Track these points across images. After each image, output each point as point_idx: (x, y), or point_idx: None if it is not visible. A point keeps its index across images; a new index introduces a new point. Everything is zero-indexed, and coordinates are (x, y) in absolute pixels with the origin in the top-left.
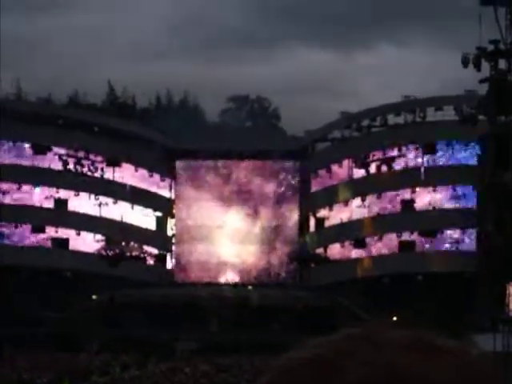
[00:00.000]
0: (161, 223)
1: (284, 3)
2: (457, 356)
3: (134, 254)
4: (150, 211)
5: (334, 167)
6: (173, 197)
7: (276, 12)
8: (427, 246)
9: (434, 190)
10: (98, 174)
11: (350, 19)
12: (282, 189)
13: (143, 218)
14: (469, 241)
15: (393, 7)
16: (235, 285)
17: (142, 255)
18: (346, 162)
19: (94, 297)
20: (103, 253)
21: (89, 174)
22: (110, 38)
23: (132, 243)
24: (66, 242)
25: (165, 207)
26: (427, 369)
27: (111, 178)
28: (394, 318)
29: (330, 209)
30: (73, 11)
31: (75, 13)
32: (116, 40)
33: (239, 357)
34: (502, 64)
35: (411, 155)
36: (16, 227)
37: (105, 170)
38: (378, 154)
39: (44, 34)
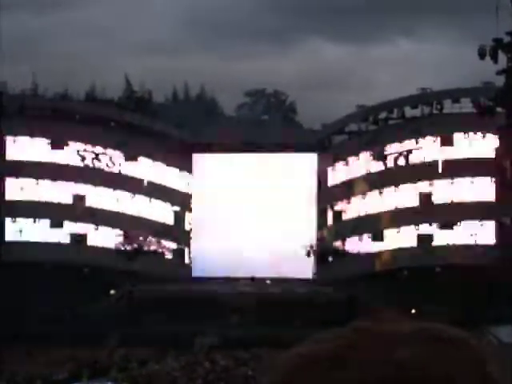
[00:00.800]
0: (178, 217)
1: None
2: (467, 348)
3: (151, 248)
4: (167, 205)
5: (352, 160)
6: (190, 191)
7: (291, 6)
8: (445, 238)
9: (452, 183)
10: (115, 169)
11: (364, 12)
12: (300, 182)
13: (161, 212)
14: (487, 233)
15: (408, 1)
16: (254, 279)
17: (159, 250)
18: (363, 155)
19: (112, 292)
20: (121, 248)
21: (106, 169)
22: (126, 34)
23: (150, 238)
24: (84, 237)
25: (182, 201)
26: (436, 362)
27: (129, 172)
28: (413, 311)
29: (348, 202)
30: (88, 7)
31: (89, 10)
32: (131, 36)
33: (258, 350)
34: None
35: (429, 148)
36: (34, 223)
37: (122, 164)
38: (396, 147)
39: (59, 30)
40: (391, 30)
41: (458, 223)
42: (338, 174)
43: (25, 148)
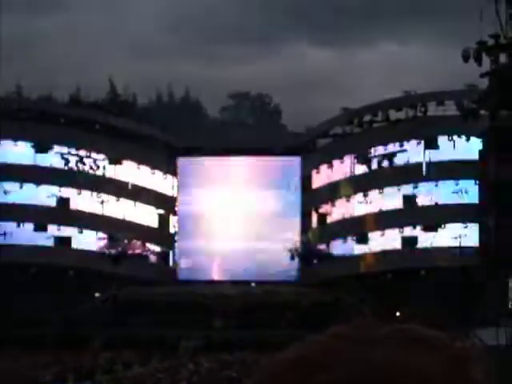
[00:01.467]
0: (163, 221)
1: (284, 0)
2: (444, 349)
3: (136, 251)
4: (152, 209)
5: (336, 163)
6: (175, 194)
7: (276, 9)
8: (429, 241)
9: (436, 185)
10: (99, 172)
11: (349, 16)
12: (284, 184)
13: (145, 215)
14: (471, 236)
15: (392, 4)
16: (238, 282)
17: (144, 253)
18: (347, 158)
19: (96, 295)
20: (106, 251)
21: (90, 172)
22: (110, 37)
23: (134, 241)
24: (68, 240)
25: (167, 204)
26: (412, 363)
27: (113, 175)
28: (398, 314)
29: (332, 204)
30: (72, 11)
31: (74, 12)
32: (116, 39)
33: (242, 353)
34: (503, 58)
35: (413, 150)
36: (18, 226)
37: (106, 167)
38: (380, 150)
39: (43, 34)
40: (375, 33)
41: (442, 225)
42: (323, 176)
43: (9, 151)
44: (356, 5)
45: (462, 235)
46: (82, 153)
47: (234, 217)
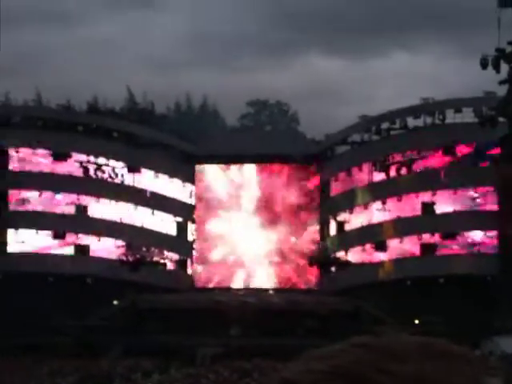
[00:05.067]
0: (181, 228)
1: (298, 12)
2: (470, 365)
3: (154, 259)
4: (170, 216)
5: (354, 170)
6: (193, 202)
7: (292, 22)
8: (448, 248)
9: (455, 193)
10: (118, 180)
11: (362, 27)
12: (302, 192)
13: (164, 223)
14: (490, 243)
15: (406, 14)
16: (257, 289)
17: (162, 260)
18: (365, 166)
19: (115, 302)
20: (124, 258)
21: (109, 180)
22: (129, 49)
23: (153, 249)
24: (87, 248)
25: (185, 212)
26: (444, 379)
27: (131, 183)
28: (416, 321)
29: (351, 212)
30: (93, 23)
31: (93, 26)
32: (135, 50)
33: (261, 361)
34: None
35: (431, 157)
36: (37, 234)
37: (125, 175)
38: (398, 157)
39: (63, 46)
40: (389, 44)
41: (461, 233)
42: (341, 184)
43: (28, 159)
44: (369, 15)
45: (481, 243)
46: (101, 161)
47: (252, 224)
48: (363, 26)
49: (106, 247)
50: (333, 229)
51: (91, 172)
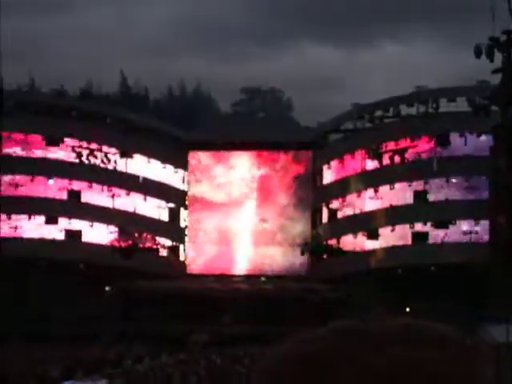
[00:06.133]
0: (173, 214)
1: (292, 2)
2: (452, 346)
3: (147, 245)
4: (162, 203)
5: (347, 158)
6: (185, 188)
7: (287, 9)
8: (440, 237)
9: (447, 181)
10: (110, 166)
11: (354, 17)
12: (295, 179)
13: (156, 209)
14: (482, 232)
15: (399, 4)
16: (249, 276)
17: (155, 247)
18: (358, 153)
19: (107, 288)
20: (116, 244)
21: (102, 165)
22: (122, 36)
23: (145, 235)
24: (79, 233)
25: (178, 198)
26: (425, 361)
27: (124, 169)
28: (408, 309)
29: (343, 200)
30: (84, 11)
31: (86, 12)
32: (129, 37)
33: (252, 348)
34: None
35: (424, 146)
36: (29, 219)
37: (118, 161)
38: (391, 145)
39: (58, 32)
40: (383, 33)
41: (453, 222)
42: (334, 172)
43: (20, 144)
44: (361, 7)
45: (473, 231)
46: (93, 146)
47: (245, 211)
48: (354, 16)
49: (98, 233)
50: (325, 216)
51: (84, 157)
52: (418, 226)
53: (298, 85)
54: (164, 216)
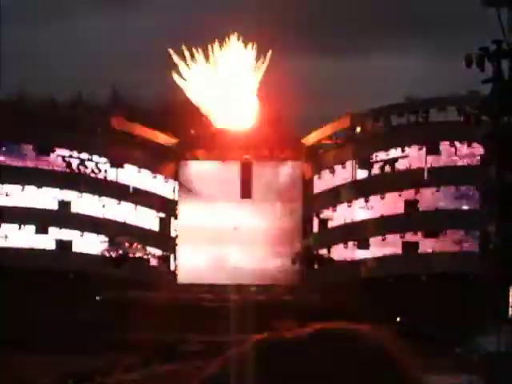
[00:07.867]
0: (164, 224)
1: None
2: (356, 341)
3: (137, 255)
4: (153, 212)
5: (338, 168)
6: (176, 198)
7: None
8: (431, 246)
9: (438, 191)
10: (101, 175)
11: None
12: (286, 189)
13: (146, 218)
14: (472, 241)
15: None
16: (239, 286)
17: (145, 256)
18: (349, 163)
19: (97, 298)
20: (107, 254)
21: (92, 175)
22: (112, 46)
23: (135, 244)
24: (69, 243)
25: (168, 208)
26: (328, 357)
27: (114, 179)
28: (398, 319)
29: (334, 209)
30: (76, 18)
31: (78, 20)
32: (118, 47)
33: None
34: (505, 64)
35: (414, 156)
36: (20, 229)
37: (108, 171)
38: (382, 155)
39: (46, 42)
40: (373, 43)
41: (443, 231)
42: (324, 181)
43: (10, 153)
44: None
45: (463, 241)
46: (84, 156)
47: (235, 220)
48: (346, 26)
49: (88, 243)
50: (316, 226)
51: (74, 167)
52: (409, 236)
53: (287, 94)
54: (154, 226)
